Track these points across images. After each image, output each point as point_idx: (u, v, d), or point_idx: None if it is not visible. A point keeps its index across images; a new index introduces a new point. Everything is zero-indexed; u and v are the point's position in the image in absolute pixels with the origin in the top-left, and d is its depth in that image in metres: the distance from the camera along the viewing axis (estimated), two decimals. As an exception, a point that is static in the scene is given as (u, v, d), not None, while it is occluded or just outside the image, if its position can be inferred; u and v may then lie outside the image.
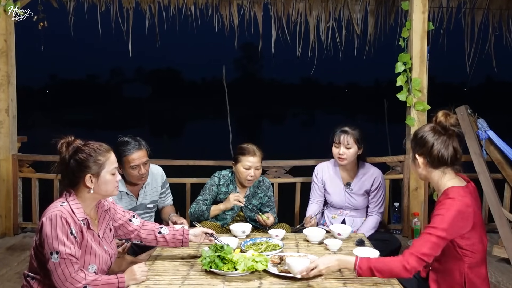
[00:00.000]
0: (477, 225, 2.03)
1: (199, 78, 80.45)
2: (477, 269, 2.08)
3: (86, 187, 2.10)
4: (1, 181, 4.30)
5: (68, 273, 1.97)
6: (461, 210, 1.97)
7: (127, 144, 3.00)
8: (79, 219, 2.06)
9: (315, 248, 2.57)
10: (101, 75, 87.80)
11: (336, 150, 3.26)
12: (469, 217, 1.99)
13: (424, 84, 4.13)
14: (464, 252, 2.04)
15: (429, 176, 2.13)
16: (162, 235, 2.38)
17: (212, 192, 3.31)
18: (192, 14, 5.08)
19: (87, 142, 2.14)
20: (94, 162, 2.09)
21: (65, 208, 2.04)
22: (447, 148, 2.05)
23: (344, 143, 3.21)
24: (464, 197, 2.00)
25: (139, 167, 3.00)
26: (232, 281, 2.09)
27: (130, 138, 3.05)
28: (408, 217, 4.25)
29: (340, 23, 5.11)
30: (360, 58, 5.26)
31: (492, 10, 5.10)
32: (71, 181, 2.11)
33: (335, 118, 31.01)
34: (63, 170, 2.11)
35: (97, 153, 2.11)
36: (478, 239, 2.05)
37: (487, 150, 4.03)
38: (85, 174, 2.08)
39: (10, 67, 4.29)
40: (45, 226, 1.99)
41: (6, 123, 4.28)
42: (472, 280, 2.06)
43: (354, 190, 3.33)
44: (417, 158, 2.13)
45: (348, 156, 3.23)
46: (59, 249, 1.96)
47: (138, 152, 2.99)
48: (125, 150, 2.98)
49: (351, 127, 3.26)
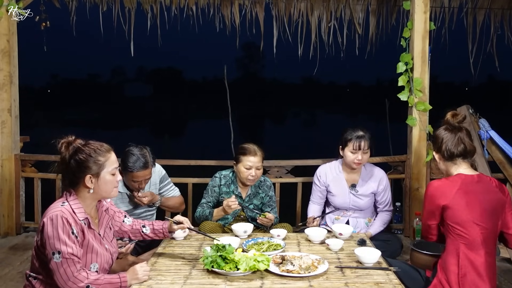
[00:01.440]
0: (468, 207, 2.22)
1: (201, 77, 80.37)
2: (475, 251, 2.20)
3: (86, 187, 2.10)
4: (3, 181, 4.32)
5: (71, 272, 1.98)
6: (431, 191, 2.31)
7: (136, 160, 2.93)
8: (80, 218, 2.07)
9: (317, 248, 2.57)
10: (102, 74, 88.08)
11: (353, 156, 3.23)
12: (439, 195, 2.26)
13: (426, 84, 4.12)
14: (456, 230, 2.23)
15: (447, 169, 2.39)
16: (147, 234, 2.46)
17: (215, 194, 3.32)
18: (194, 14, 5.08)
19: (87, 142, 2.14)
20: (94, 163, 2.09)
21: (65, 208, 2.04)
22: (454, 140, 2.34)
23: (364, 148, 3.20)
24: (447, 180, 2.29)
25: (140, 183, 3.01)
26: (234, 280, 2.09)
27: (139, 151, 2.97)
28: (409, 217, 4.25)
29: (341, 23, 5.11)
30: (362, 58, 5.26)
31: (494, 10, 5.09)
32: (71, 181, 2.11)
33: (337, 117, 31.06)
34: (63, 170, 2.12)
35: (97, 153, 2.10)
36: (468, 219, 2.21)
37: (488, 150, 4.04)
38: (85, 175, 2.08)
39: (12, 67, 4.30)
40: (46, 226, 2.00)
41: (8, 123, 4.29)
42: (469, 259, 2.19)
43: (360, 191, 3.33)
44: (434, 155, 2.44)
45: (364, 161, 3.26)
46: (61, 249, 1.97)
47: (143, 171, 2.96)
48: (132, 166, 2.92)
49: (363, 129, 3.26)
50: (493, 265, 2.25)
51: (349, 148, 3.23)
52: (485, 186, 2.28)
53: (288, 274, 2.13)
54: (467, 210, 2.22)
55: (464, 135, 2.36)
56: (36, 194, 4.42)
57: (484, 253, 2.21)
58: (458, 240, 2.23)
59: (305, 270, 2.15)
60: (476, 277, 2.18)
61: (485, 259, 2.20)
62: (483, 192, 2.26)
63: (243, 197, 3.32)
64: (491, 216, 2.24)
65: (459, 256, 2.21)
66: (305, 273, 2.13)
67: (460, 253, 2.21)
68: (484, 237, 2.21)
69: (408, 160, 4.26)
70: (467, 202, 2.23)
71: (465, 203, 2.22)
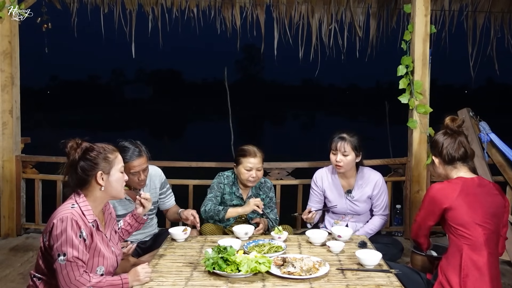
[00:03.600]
0: (470, 208, 2.23)
1: (201, 79, 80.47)
2: (478, 252, 2.20)
3: (98, 184, 2.14)
4: (4, 182, 4.32)
5: (73, 276, 1.98)
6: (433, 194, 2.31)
7: (127, 150, 2.95)
8: (89, 221, 2.09)
9: (318, 250, 2.57)
10: (103, 76, 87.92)
11: (333, 157, 3.21)
12: (441, 198, 2.26)
13: (426, 86, 4.13)
14: (458, 231, 2.24)
15: (447, 173, 2.40)
16: (121, 228, 2.55)
17: (221, 190, 3.31)
18: (195, 16, 5.10)
19: (93, 143, 2.20)
20: (104, 160, 2.15)
21: (75, 210, 2.06)
22: (454, 144, 2.36)
23: (341, 150, 3.16)
24: (448, 183, 2.30)
25: (139, 174, 2.98)
26: (235, 282, 2.10)
27: (130, 143, 3.00)
28: (409, 219, 4.25)
29: (342, 26, 5.13)
30: (362, 61, 5.28)
31: (494, 13, 5.11)
32: (81, 180, 2.14)
33: (336, 120, 31.09)
34: (72, 171, 2.14)
35: (106, 151, 2.18)
36: (471, 220, 2.22)
37: (489, 153, 4.04)
38: (96, 172, 2.13)
39: (14, 69, 4.30)
40: (56, 227, 2.01)
41: (9, 124, 4.29)
42: (472, 260, 2.20)
43: (355, 197, 3.29)
44: (433, 160, 2.44)
45: (345, 163, 3.18)
46: (67, 251, 1.98)
47: (139, 159, 2.95)
48: (125, 156, 2.91)
49: (349, 133, 3.21)
50: (496, 266, 2.26)
51: (331, 149, 3.22)
52: (485, 189, 2.30)
53: (289, 276, 2.13)
54: (470, 211, 2.23)
55: (464, 139, 2.38)
56: (36, 195, 4.43)
57: (487, 253, 2.21)
58: (461, 241, 2.24)
59: (306, 272, 2.16)
60: (478, 278, 2.18)
61: (487, 260, 2.21)
62: (484, 194, 2.28)
63: (244, 198, 3.32)
64: (493, 217, 2.26)
65: (462, 257, 2.21)
66: (306, 275, 2.14)
67: (463, 254, 2.22)
68: (486, 237, 2.22)
69: (409, 163, 4.26)
70: (469, 203, 2.24)
71: (467, 204, 2.24)
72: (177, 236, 2.73)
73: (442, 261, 2.31)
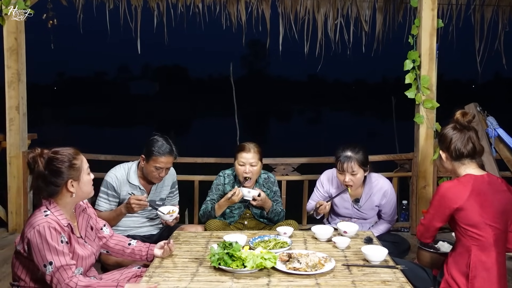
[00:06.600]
0: (481, 208, 2.18)
1: (207, 75, 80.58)
2: (487, 253, 2.17)
3: (68, 192, 2.11)
4: (11, 178, 4.34)
5: (62, 279, 2.01)
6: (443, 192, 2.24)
7: (160, 145, 3.03)
8: (64, 225, 2.09)
9: (324, 246, 2.57)
10: (109, 72, 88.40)
11: (341, 177, 3.08)
12: (452, 198, 2.20)
13: (433, 81, 4.10)
14: (468, 232, 2.19)
15: (453, 169, 2.35)
16: (132, 247, 2.43)
17: (219, 191, 3.33)
18: (200, 11, 5.09)
19: (54, 150, 2.12)
20: (71, 167, 2.09)
21: (50, 217, 2.05)
22: (463, 140, 2.29)
23: (349, 170, 3.01)
24: (459, 182, 2.23)
25: (161, 170, 3.06)
26: (241, 278, 2.10)
27: (164, 140, 3.07)
28: (416, 215, 4.23)
29: (348, 20, 5.09)
30: (368, 56, 5.24)
31: (502, 7, 5.05)
32: (52, 191, 2.10)
33: (342, 115, 30.99)
34: (41, 182, 2.08)
35: (70, 158, 2.11)
36: (481, 221, 2.18)
37: (496, 148, 4.02)
38: (65, 181, 2.09)
39: (20, 65, 4.32)
40: (35, 239, 2.00)
41: (16, 121, 4.31)
42: (481, 261, 2.17)
43: (363, 207, 3.24)
44: (441, 154, 2.38)
45: (355, 182, 3.07)
46: (53, 259, 2.00)
47: (167, 157, 3.03)
48: (158, 150, 3.01)
49: (354, 150, 3.04)
50: (503, 265, 2.24)
51: (337, 169, 3.09)
52: (494, 186, 2.26)
53: (295, 272, 2.13)
54: (481, 212, 2.18)
55: (473, 135, 2.31)
56: (43, 191, 4.45)
57: (496, 253, 2.18)
58: (470, 241, 2.20)
59: (312, 268, 2.16)
60: (486, 278, 2.15)
61: (496, 259, 2.18)
62: (493, 193, 2.23)
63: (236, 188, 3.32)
64: (502, 216, 2.22)
65: (470, 258, 2.18)
66: (311, 271, 2.14)
67: (471, 254, 2.18)
68: (496, 237, 2.19)
69: (415, 158, 4.24)
70: (481, 203, 2.19)
71: (479, 205, 2.18)
72: (165, 217, 2.90)
73: (449, 260, 2.29)
